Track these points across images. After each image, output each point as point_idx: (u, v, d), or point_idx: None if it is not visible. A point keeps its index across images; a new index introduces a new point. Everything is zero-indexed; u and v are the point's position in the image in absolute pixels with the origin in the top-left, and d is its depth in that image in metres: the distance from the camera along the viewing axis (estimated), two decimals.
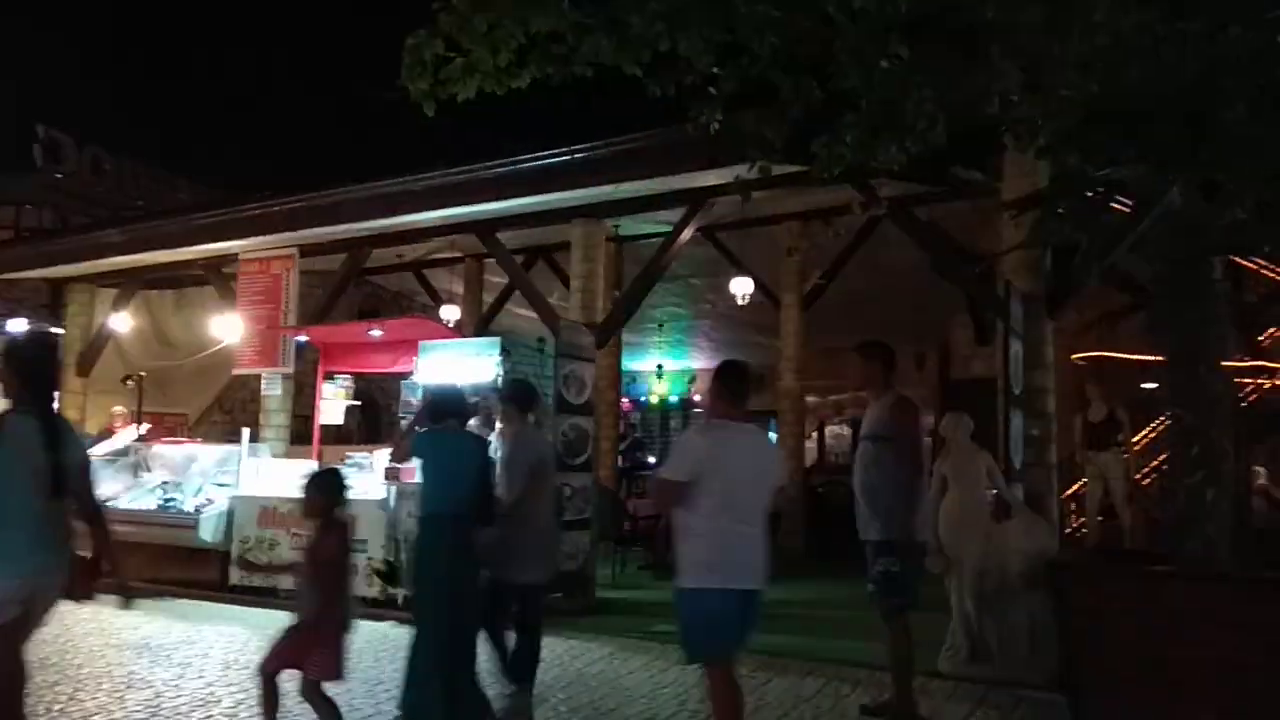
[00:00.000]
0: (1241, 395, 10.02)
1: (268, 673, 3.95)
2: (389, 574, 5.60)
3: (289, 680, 4.00)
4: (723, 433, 3.99)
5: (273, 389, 10.94)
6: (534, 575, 4.91)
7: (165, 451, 9.76)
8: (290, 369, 10.96)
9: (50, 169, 19.52)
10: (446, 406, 4.78)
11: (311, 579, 4.01)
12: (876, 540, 4.81)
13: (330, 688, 3.98)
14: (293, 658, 3.94)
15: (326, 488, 4.14)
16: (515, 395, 5.32)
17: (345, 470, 4.65)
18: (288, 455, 10.12)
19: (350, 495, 4.26)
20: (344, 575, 4.08)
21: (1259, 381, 10.31)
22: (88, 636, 6.69)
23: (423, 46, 3.74)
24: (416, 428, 5.09)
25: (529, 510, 4.84)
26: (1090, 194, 4.84)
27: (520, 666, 4.87)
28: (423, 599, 4.47)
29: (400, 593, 7.71)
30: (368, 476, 8.07)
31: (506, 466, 4.93)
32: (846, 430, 17.49)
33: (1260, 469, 10.40)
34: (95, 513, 3.76)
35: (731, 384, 4.12)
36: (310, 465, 8.60)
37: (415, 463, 4.72)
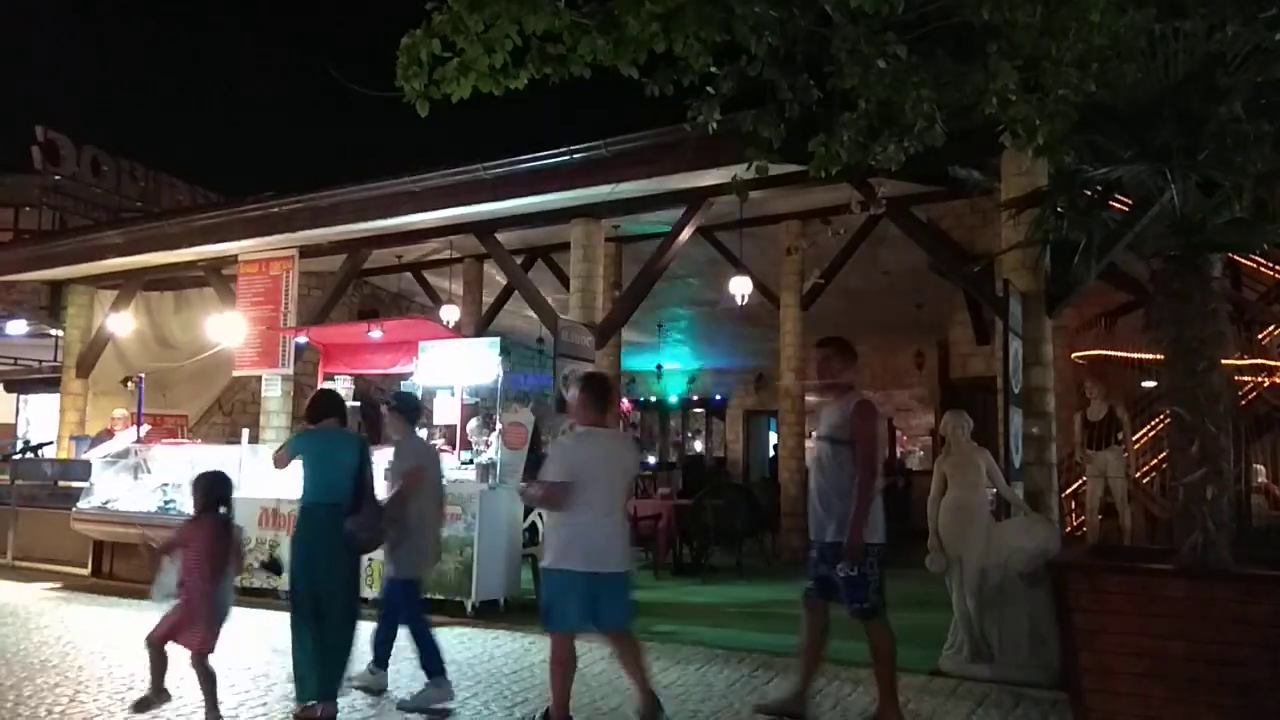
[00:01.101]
0: (1241, 393, 10.03)
1: (154, 643, 4.55)
2: (273, 565, 5.93)
3: (279, 680, 4.00)
4: (591, 438, 4.65)
5: (273, 390, 10.95)
6: (407, 571, 5.40)
7: (165, 453, 9.77)
8: (290, 370, 10.96)
9: (49, 170, 19.52)
10: (325, 408, 5.22)
11: (187, 566, 4.56)
12: (834, 543, 4.76)
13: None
14: (172, 633, 4.54)
15: (206, 487, 4.77)
16: (402, 406, 5.85)
17: (229, 473, 5.04)
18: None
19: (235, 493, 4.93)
20: (220, 564, 4.61)
21: (1258, 379, 10.31)
22: (88, 638, 6.69)
23: (418, 46, 3.73)
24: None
25: (409, 511, 5.30)
26: (1088, 193, 4.84)
27: (427, 661, 5.27)
28: (297, 574, 4.93)
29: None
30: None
31: (389, 470, 5.47)
32: None
33: (1260, 466, 10.42)
34: None
35: (595, 396, 4.70)
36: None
37: (295, 464, 5.12)
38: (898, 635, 4.75)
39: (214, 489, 4.77)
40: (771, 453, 17.58)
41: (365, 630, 5.20)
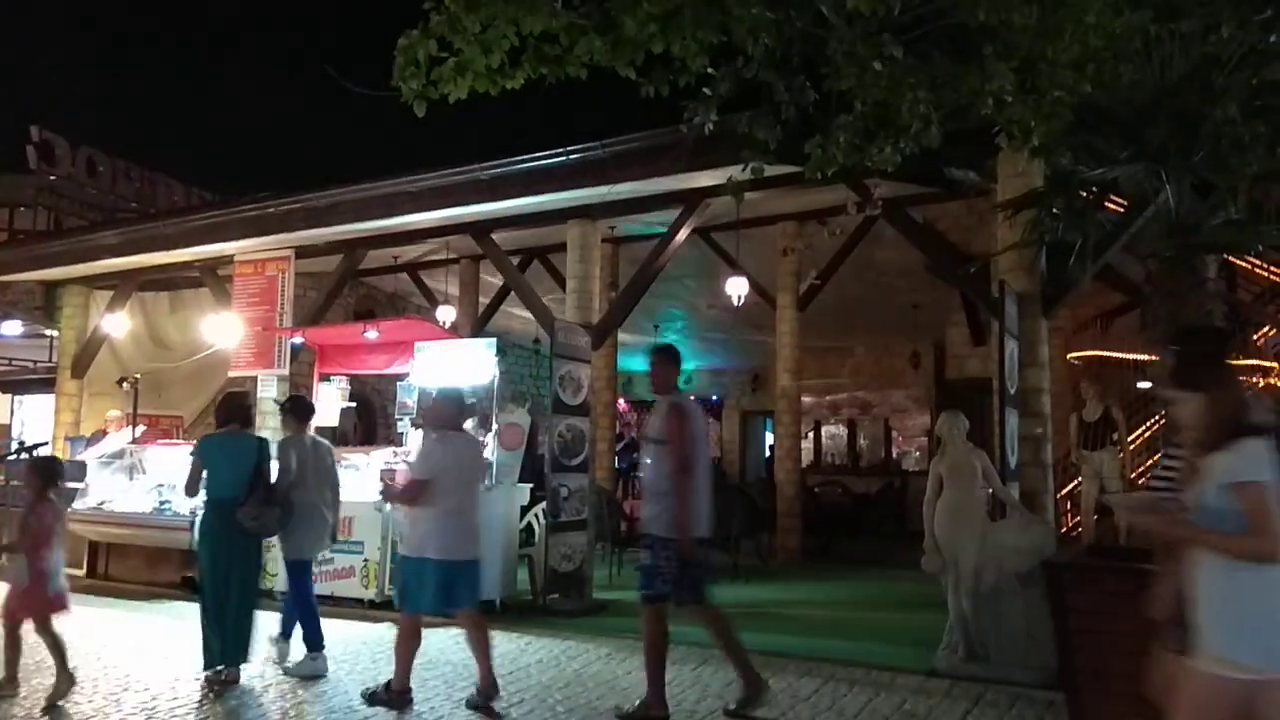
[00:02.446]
0: None
1: (7, 625, 5.19)
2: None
3: (285, 685, 3.99)
4: (449, 441, 5.31)
5: (268, 391, 10.93)
6: (295, 554, 6.05)
7: (160, 454, 9.75)
8: (286, 371, 10.94)
9: (44, 171, 19.48)
10: (229, 414, 5.95)
11: (28, 548, 5.19)
12: (653, 534, 5.06)
13: (332, 690, 3.91)
14: (22, 611, 5.19)
15: (42, 472, 5.43)
16: (295, 408, 6.35)
17: (63, 458, 5.95)
18: None
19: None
20: (54, 542, 5.29)
21: (1253, 380, 10.34)
22: (83, 639, 6.67)
23: (415, 47, 3.73)
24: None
25: (296, 501, 5.93)
26: (1084, 194, 4.86)
27: (307, 636, 5.92)
28: (205, 559, 5.69)
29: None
30: (363, 478, 8.07)
31: (278, 465, 6.07)
32: (843, 430, 17.52)
33: None
34: None
35: (451, 406, 5.47)
36: None
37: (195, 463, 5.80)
38: (893, 636, 4.78)
39: (50, 474, 5.45)
40: (768, 453, 17.59)
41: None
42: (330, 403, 10.32)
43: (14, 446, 13.59)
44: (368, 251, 11.03)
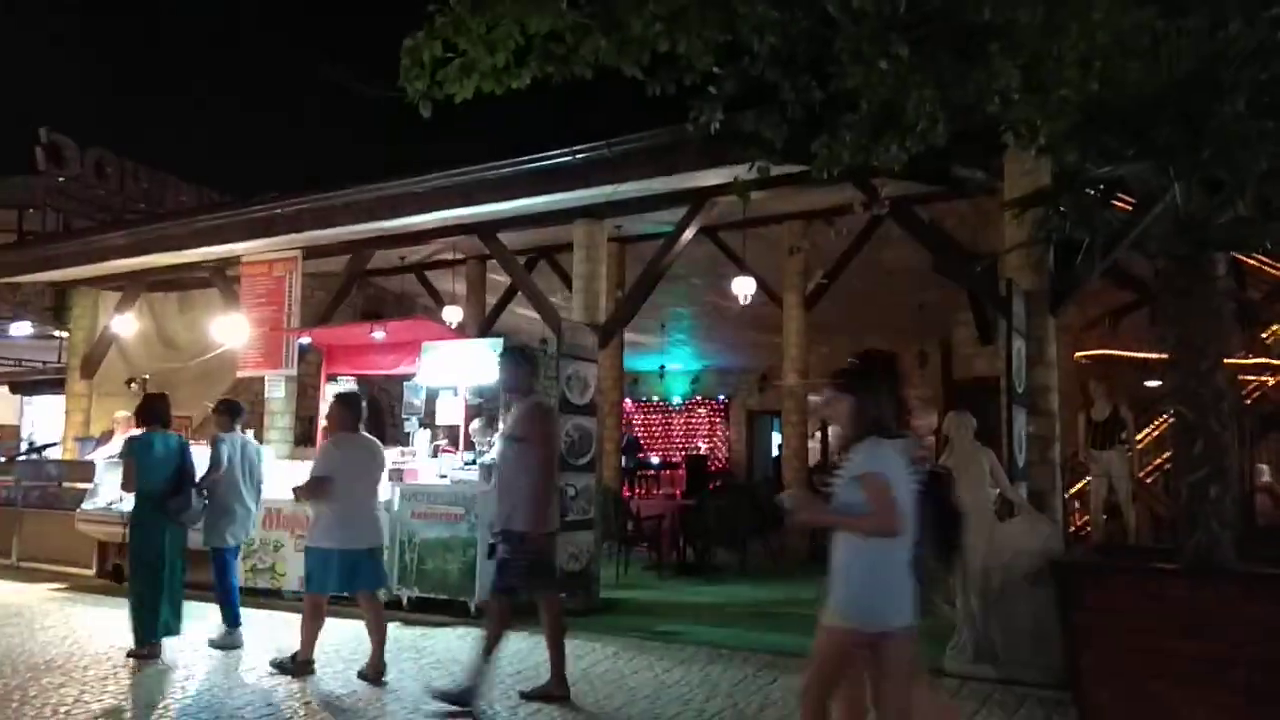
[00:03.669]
0: (1245, 392, 10.01)
1: None
2: None
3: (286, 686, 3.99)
4: (348, 443, 5.91)
5: (276, 391, 10.95)
6: (216, 541, 6.66)
7: None
8: (294, 371, 10.97)
9: (53, 172, 19.55)
10: (149, 416, 6.54)
11: None
12: (504, 530, 5.21)
13: (339, 690, 3.92)
14: None
15: None
16: (227, 409, 7.00)
17: None
18: (292, 457, 10.13)
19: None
20: None
21: (1262, 379, 10.29)
22: (93, 639, 6.71)
23: (420, 48, 3.74)
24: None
25: (222, 493, 6.64)
26: (1091, 192, 4.84)
27: (226, 613, 6.62)
28: (140, 544, 6.33)
29: (408, 593, 7.77)
30: None
31: (209, 460, 6.72)
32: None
33: (1264, 466, 10.40)
34: None
35: (350, 410, 6.02)
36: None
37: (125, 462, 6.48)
38: None
39: None
40: (775, 452, 17.57)
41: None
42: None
43: (24, 447, 13.65)
44: (375, 252, 11.05)
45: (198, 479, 6.56)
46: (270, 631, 6.94)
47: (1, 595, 8.52)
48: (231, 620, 6.62)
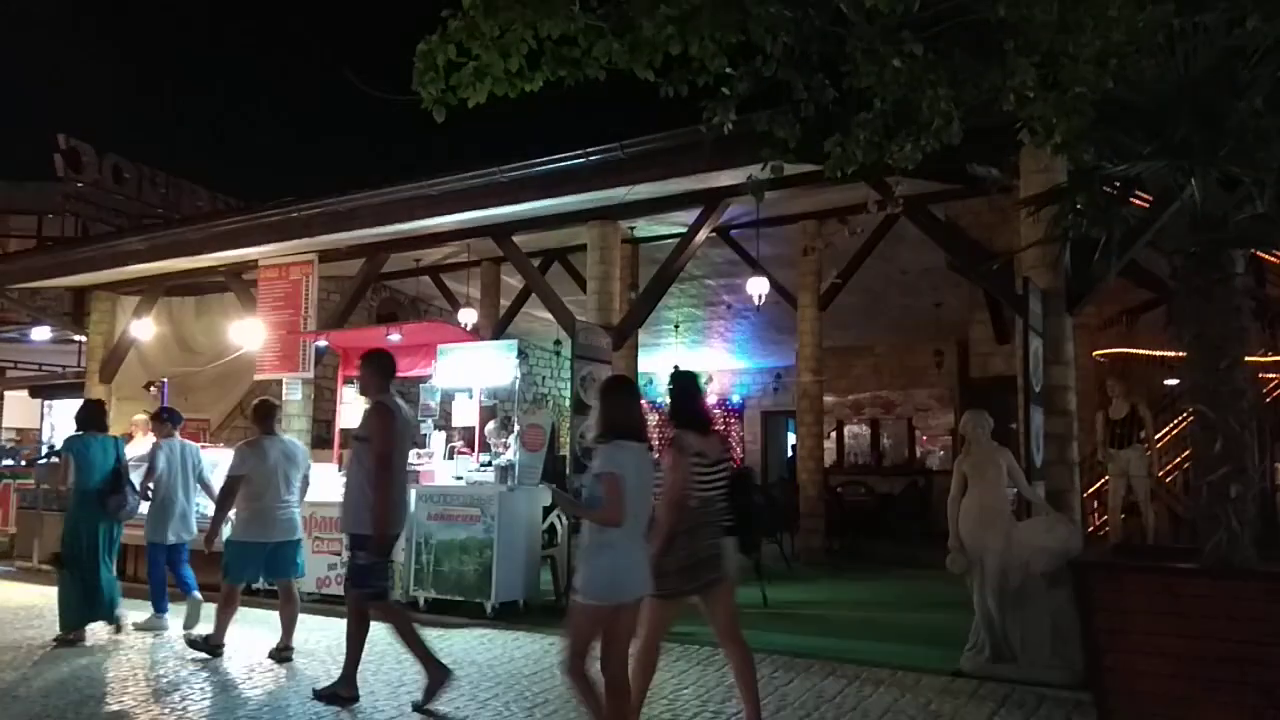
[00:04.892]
0: (1265, 390, 9.93)
1: None
2: None
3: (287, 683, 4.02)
4: (263, 444, 6.41)
5: (293, 394, 11.03)
6: (154, 536, 7.29)
7: None
8: (310, 374, 11.04)
9: (71, 178, 19.72)
10: (86, 420, 7.20)
11: None
12: (350, 533, 5.28)
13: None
14: None
15: None
16: (166, 417, 7.62)
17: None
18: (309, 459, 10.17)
19: None
20: None
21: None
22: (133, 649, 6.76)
23: (434, 52, 3.75)
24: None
25: (160, 493, 7.28)
26: (1108, 189, 4.80)
27: (154, 597, 7.26)
28: (78, 537, 6.88)
29: (423, 595, 7.79)
30: None
31: (147, 463, 7.36)
32: (866, 430, 17.44)
33: None
34: None
35: (267, 413, 6.56)
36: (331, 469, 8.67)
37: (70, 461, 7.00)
38: (918, 636, 4.76)
39: None
40: (790, 453, 17.54)
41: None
42: (354, 406, 10.38)
43: (44, 451, 13.77)
44: (389, 255, 11.11)
45: (136, 482, 7.20)
46: (270, 631, 6.97)
47: (25, 598, 8.60)
48: (158, 607, 7.24)
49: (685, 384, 4.64)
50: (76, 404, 7.81)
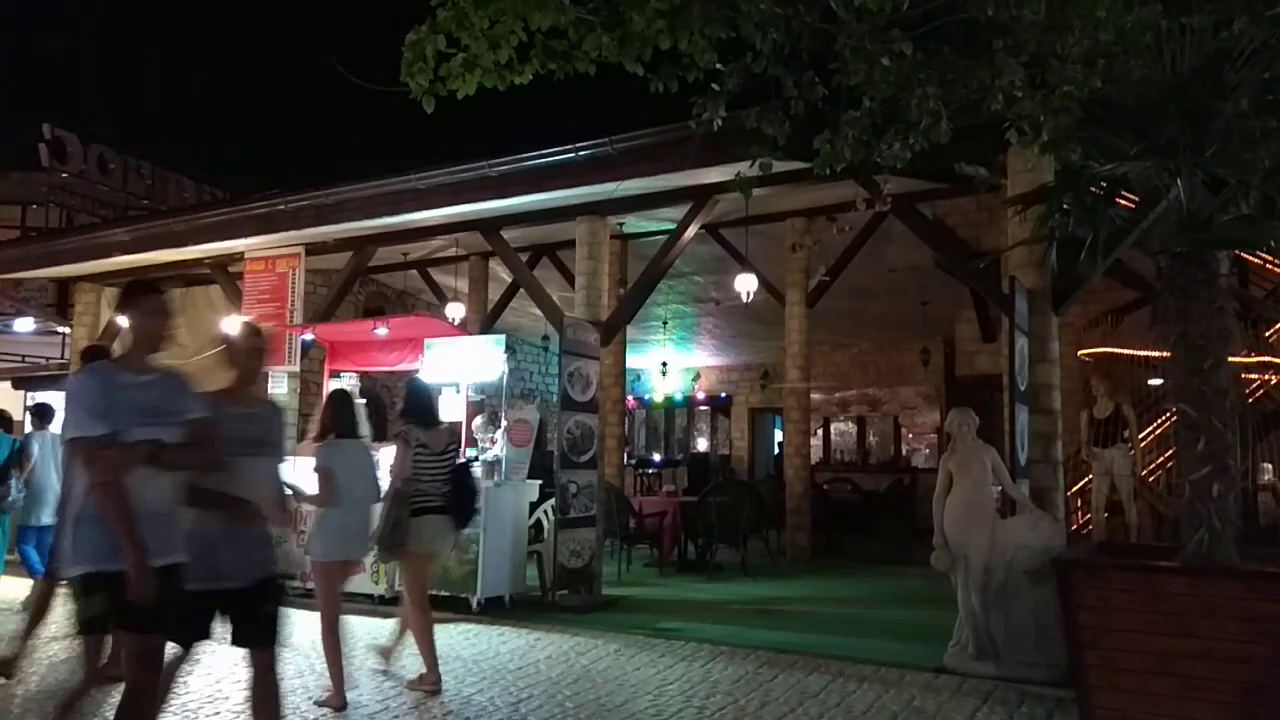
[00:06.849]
0: (1248, 390, 10.00)
1: None
2: None
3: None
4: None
5: (279, 387, 10.97)
6: (31, 520, 7.97)
7: None
8: (296, 367, 10.99)
9: (56, 168, 19.54)
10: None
11: None
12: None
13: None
14: None
15: None
16: (39, 412, 8.19)
17: None
18: (294, 453, 10.13)
19: None
20: None
21: (1265, 377, 10.29)
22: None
23: (423, 43, 3.72)
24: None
25: (35, 482, 8.01)
26: (1094, 189, 4.83)
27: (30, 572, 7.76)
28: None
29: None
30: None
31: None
32: (852, 427, 17.50)
33: (1267, 464, 10.39)
34: None
35: None
36: None
37: None
38: (902, 633, 4.78)
39: None
40: (777, 450, 17.58)
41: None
42: None
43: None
44: (377, 248, 11.06)
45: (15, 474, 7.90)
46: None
47: (13, 591, 8.55)
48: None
49: (417, 388, 5.70)
50: (59, 397, 7.87)
